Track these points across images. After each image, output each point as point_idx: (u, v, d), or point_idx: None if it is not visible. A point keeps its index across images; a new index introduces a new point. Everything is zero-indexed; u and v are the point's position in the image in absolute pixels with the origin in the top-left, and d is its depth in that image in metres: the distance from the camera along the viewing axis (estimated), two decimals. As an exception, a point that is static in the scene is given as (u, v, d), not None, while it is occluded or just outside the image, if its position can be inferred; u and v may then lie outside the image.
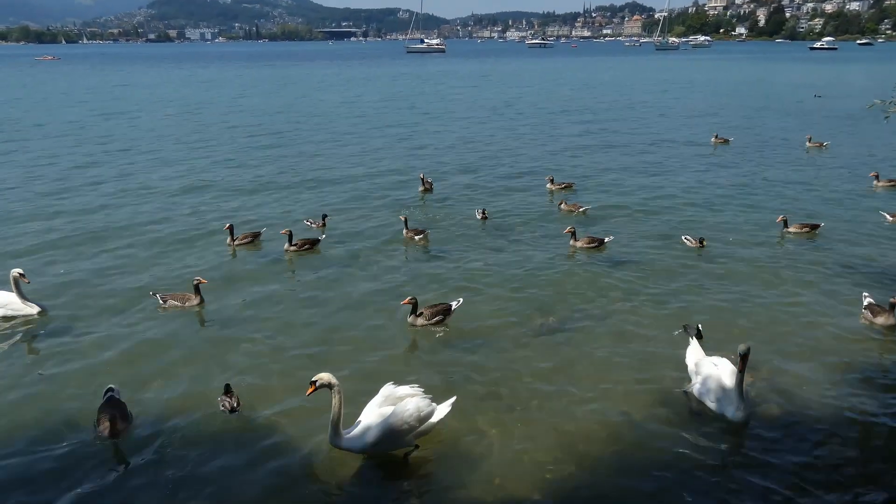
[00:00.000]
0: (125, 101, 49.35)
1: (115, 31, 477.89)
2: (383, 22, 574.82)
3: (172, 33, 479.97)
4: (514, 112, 40.90)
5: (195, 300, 11.03)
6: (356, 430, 7.16)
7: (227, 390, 8.08)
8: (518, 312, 10.96)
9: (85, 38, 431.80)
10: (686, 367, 8.58)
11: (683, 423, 7.85)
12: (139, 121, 36.46)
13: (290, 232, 13.96)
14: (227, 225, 14.45)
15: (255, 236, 14.60)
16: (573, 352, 9.60)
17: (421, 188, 19.44)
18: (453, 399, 7.60)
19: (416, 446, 7.30)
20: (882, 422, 7.80)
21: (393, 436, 7.07)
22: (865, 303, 10.48)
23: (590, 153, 26.05)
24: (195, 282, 11.14)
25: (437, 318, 10.36)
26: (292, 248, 13.85)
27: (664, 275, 12.67)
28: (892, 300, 10.08)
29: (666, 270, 12.91)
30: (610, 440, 7.54)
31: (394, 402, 7.31)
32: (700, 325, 9.36)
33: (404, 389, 7.47)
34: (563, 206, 17.16)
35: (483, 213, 16.24)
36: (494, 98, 51.04)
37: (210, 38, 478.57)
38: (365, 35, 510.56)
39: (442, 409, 7.47)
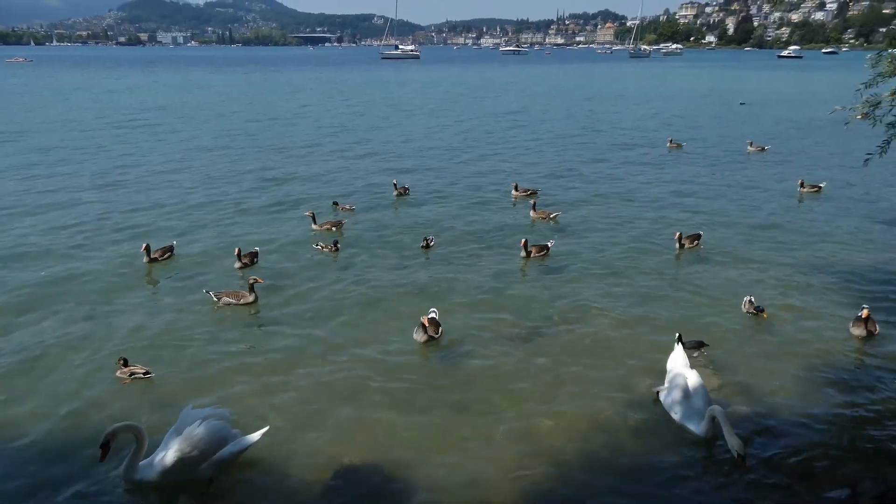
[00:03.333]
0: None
1: (84, 33, 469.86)
2: (358, 28, 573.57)
3: (143, 37, 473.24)
4: (511, 121, 41.04)
5: (250, 297, 11.41)
6: (149, 460, 6.70)
7: (125, 363, 8.80)
8: (488, 320, 10.97)
9: (54, 40, 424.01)
10: (665, 371, 8.63)
11: (656, 426, 7.92)
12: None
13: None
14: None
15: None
16: (545, 358, 9.64)
17: (395, 193, 19.43)
18: (265, 429, 7.22)
19: (212, 480, 6.82)
20: (849, 425, 7.97)
21: (183, 463, 6.58)
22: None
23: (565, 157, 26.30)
24: (251, 281, 11.56)
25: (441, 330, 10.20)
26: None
27: (636, 278, 12.81)
28: (861, 313, 10.09)
29: (637, 274, 13.05)
30: (583, 445, 7.59)
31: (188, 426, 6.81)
32: (682, 337, 9.41)
33: (205, 412, 6.99)
34: (532, 212, 17.18)
35: (427, 241, 14.61)
36: (476, 106, 51.15)
37: (182, 41, 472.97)
38: (339, 41, 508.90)
39: (246, 440, 7.01)
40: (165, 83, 74.22)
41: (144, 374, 8.85)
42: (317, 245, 14.56)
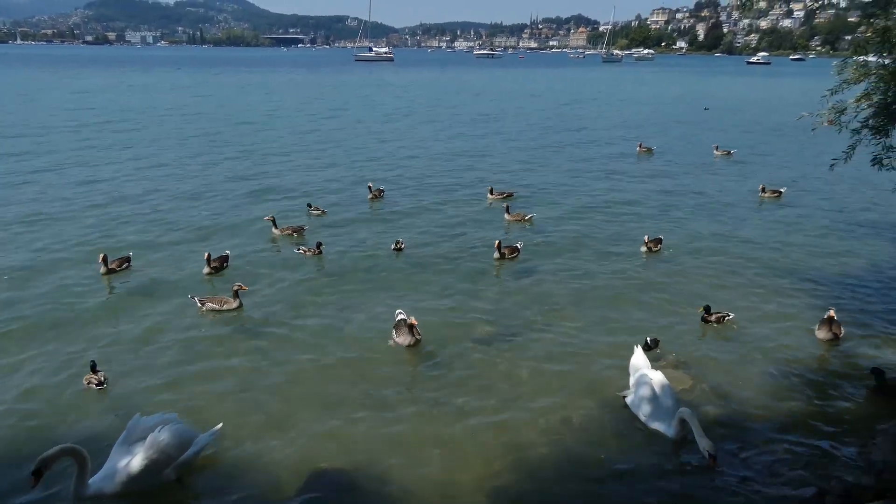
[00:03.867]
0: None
1: (50, 31, 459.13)
2: (331, 29, 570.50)
3: (111, 36, 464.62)
4: (488, 125, 41.10)
5: (234, 304, 11.32)
6: (104, 473, 6.59)
7: (93, 369, 8.67)
8: (460, 321, 10.99)
9: (18, 38, 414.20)
10: (629, 373, 8.73)
11: (627, 428, 8.00)
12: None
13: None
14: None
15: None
16: (517, 359, 9.70)
17: (370, 196, 19.37)
18: (218, 427, 7.31)
19: (179, 480, 6.90)
20: (813, 421, 8.14)
21: (150, 469, 6.60)
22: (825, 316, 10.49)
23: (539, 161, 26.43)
24: (235, 287, 11.43)
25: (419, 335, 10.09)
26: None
27: (605, 280, 12.93)
28: (826, 315, 10.30)
29: (606, 276, 13.18)
30: (555, 447, 7.65)
31: (144, 435, 6.78)
32: (649, 339, 9.62)
33: (154, 419, 6.96)
34: (507, 215, 17.24)
35: (398, 244, 14.60)
36: (458, 108, 51.18)
37: (152, 41, 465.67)
38: (313, 42, 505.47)
39: (203, 438, 7.10)
40: (136, 84, 72.96)
41: (98, 384, 8.65)
42: (298, 249, 14.40)
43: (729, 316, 10.90)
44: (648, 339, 9.76)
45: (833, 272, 13.57)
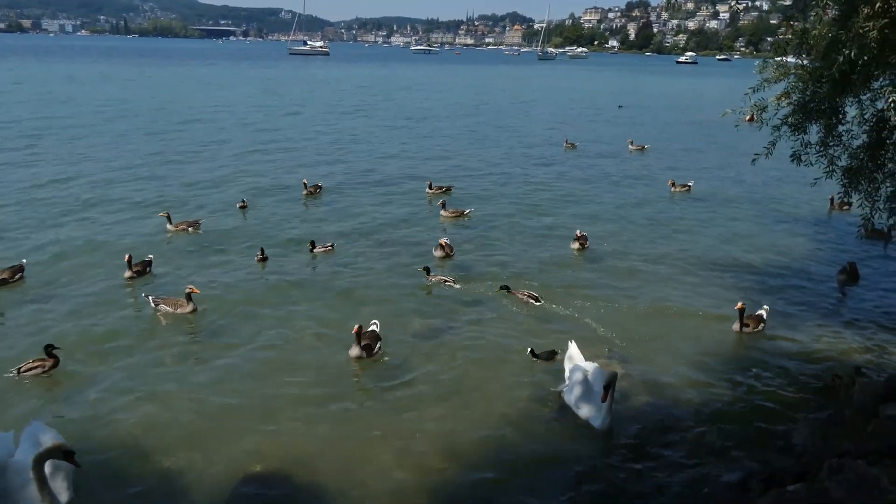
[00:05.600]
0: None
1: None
2: (264, 22, 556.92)
3: (26, 23, 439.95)
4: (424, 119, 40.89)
5: (188, 308, 10.87)
6: None
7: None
8: (397, 321, 10.91)
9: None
10: (564, 368, 8.86)
11: (562, 423, 8.13)
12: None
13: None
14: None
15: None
16: (455, 358, 9.72)
17: (304, 192, 19.02)
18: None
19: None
20: (737, 409, 8.45)
21: None
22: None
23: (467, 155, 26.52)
24: (188, 290, 10.95)
25: (378, 346, 9.77)
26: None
27: (540, 276, 13.08)
28: (738, 307, 10.75)
29: (540, 272, 13.33)
30: (490, 442, 7.71)
31: None
32: (534, 350, 9.55)
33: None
34: (443, 212, 17.14)
35: (313, 245, 14.09)
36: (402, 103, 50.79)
37: (71, 30, 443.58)
38: (245, 34, 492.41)
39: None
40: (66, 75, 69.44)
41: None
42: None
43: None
44: (533, 349, 9.50)
45: (753, 264, 14.14)
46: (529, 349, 9.37)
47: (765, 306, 11.06)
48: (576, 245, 14.59)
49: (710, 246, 15.36)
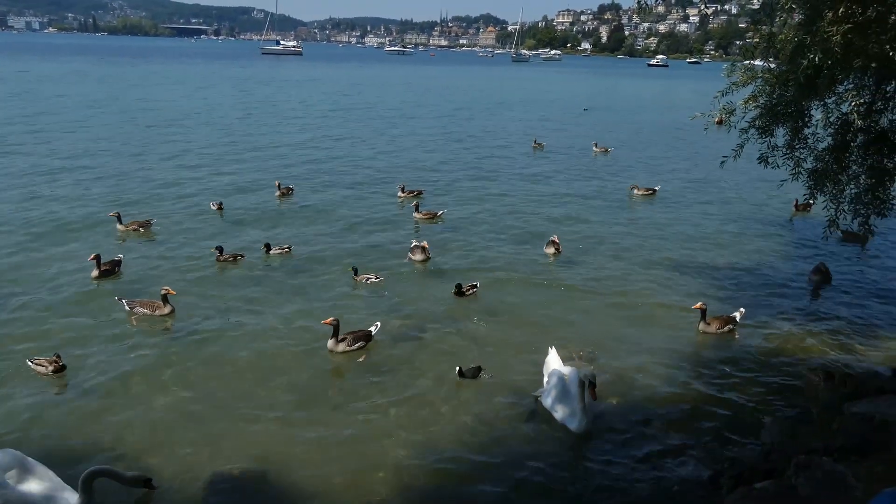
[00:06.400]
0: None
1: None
2: (236, 21, 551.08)
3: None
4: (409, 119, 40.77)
5: (165, 309, 10.75)
6: None
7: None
8: (372, 321, 10.84)
9: None
10: (543, 373, 8.88)
11: (535, 424, 8.16)
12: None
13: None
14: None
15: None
16: (431, 359, 9.71)
17: (277, 193, 18.89)
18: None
19: None
20: (708, 408, 8.57)
21: None
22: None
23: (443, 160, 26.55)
24: (163, 291, 10.83)
25: (358, 345, 9.82)
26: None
27: (514, 275, 13.13)
28: (696, 306, 10.93)
29: (515, 272, 13.39)
30: (465, 445, 7.71)
31: None
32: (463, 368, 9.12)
33: None
34: (416, 214, 17.10)
35: (218, 254, 13.45)
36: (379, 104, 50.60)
37: (38, 27, 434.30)
38: (217, 33, 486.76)
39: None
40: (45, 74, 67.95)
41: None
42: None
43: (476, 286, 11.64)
44: (461, 368, 9.01)
45: (722, 265, 14.37)
46: (458, 368, 8.97)
47: (741, 309, 11.19)
48: (551, 250, 14.54)
49: (681, 247, 15.53)
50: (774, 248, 15.85)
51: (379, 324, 10.28)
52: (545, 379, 8.71)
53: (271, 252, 13.86)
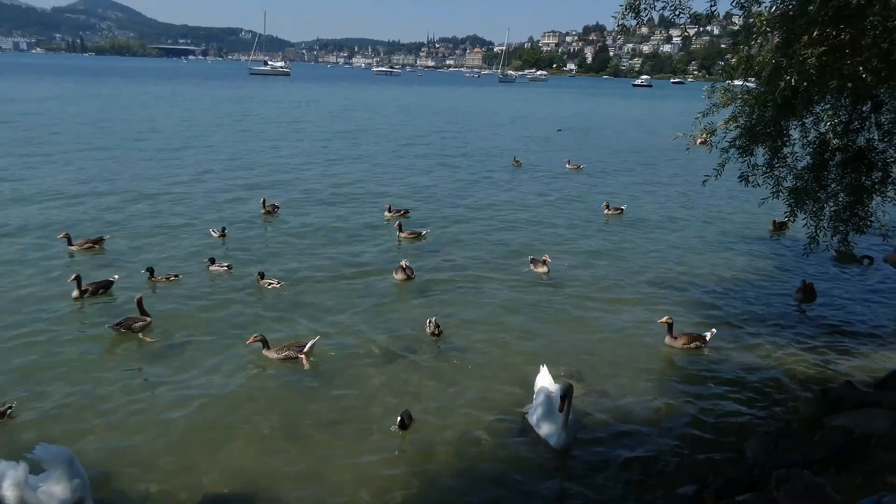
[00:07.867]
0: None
1: None
2: (224, 41, 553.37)
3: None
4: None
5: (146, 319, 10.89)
6: None
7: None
8: (360, 341, 10.89)
9: None
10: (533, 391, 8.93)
11: (522, 442, 8.20)
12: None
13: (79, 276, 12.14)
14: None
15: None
16: (417, 377, 9.74)
17: (262, 211, 18.93)
18: None
19: None
20: (691, 423, 8.65)
21: None
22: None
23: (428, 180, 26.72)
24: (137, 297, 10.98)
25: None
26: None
27: (498, 296, 13.20)
28: (662, 320, 11.09)
29: (500, 292, 13.46)
30: (453, 463, 7.72)
31: None
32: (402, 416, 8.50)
33: None
34: (399, 234, 17.14)
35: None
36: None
37: (26, 48, 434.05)
38: (205, 54, 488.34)
39: None
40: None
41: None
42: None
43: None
44: (401, 417, 8.23)
45: (703, 282, 14.53)
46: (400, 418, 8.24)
47: (713, 329, 11.30)
48: (543, 269, 14.57)
49: (661, 266, 15.62)
50: (757, 265, 16.04)
51: (318, 337, 10.35)
52: (534, 396, 8.76)
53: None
